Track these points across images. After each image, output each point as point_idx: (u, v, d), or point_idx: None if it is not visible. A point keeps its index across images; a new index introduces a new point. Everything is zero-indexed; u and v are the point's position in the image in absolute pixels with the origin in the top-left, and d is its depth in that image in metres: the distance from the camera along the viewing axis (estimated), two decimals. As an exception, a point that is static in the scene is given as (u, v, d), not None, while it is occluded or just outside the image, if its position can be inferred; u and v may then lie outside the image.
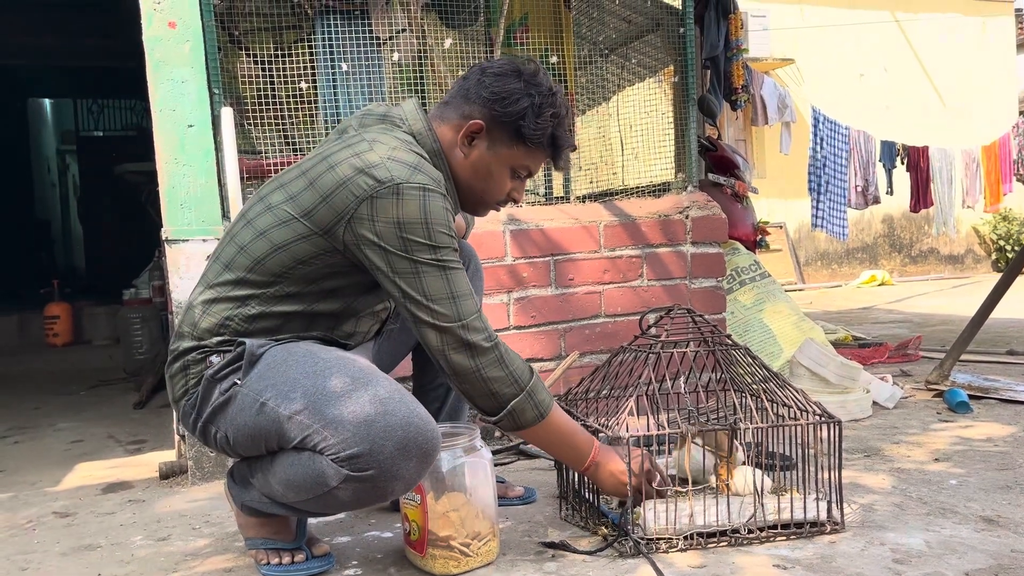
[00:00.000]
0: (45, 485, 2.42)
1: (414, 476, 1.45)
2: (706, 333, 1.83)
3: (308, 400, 1.44)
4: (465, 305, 1.51)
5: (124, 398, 3.79)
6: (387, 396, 1.43)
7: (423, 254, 1.48)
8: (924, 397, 2.99)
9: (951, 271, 11.57)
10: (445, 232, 1.50)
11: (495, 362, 1.52)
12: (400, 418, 1.41)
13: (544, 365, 2.68)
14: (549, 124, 1.60)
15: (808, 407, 1.74)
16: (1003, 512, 1.76)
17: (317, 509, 1.54)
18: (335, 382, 1.45)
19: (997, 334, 4.45)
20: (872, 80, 10.89)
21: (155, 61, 2.28)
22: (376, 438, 1.39)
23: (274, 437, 1.48)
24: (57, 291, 6.05)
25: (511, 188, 1.68)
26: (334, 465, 1.41)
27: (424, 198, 1.48)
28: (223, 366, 1.53)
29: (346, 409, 1.41)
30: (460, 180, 1.66)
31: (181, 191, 2.31)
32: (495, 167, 1.64)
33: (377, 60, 2.59)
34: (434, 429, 1.45)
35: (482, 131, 1.61)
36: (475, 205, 1.72)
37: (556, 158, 1.68)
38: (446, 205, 1.51)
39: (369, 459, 1.39)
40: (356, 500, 1.47)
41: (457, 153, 1.63)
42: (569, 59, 3.06)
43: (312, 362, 1.49)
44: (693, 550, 1.61)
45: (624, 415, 1.69)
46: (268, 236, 1.54)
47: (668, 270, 2.89)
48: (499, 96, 1.58)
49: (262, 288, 1.56)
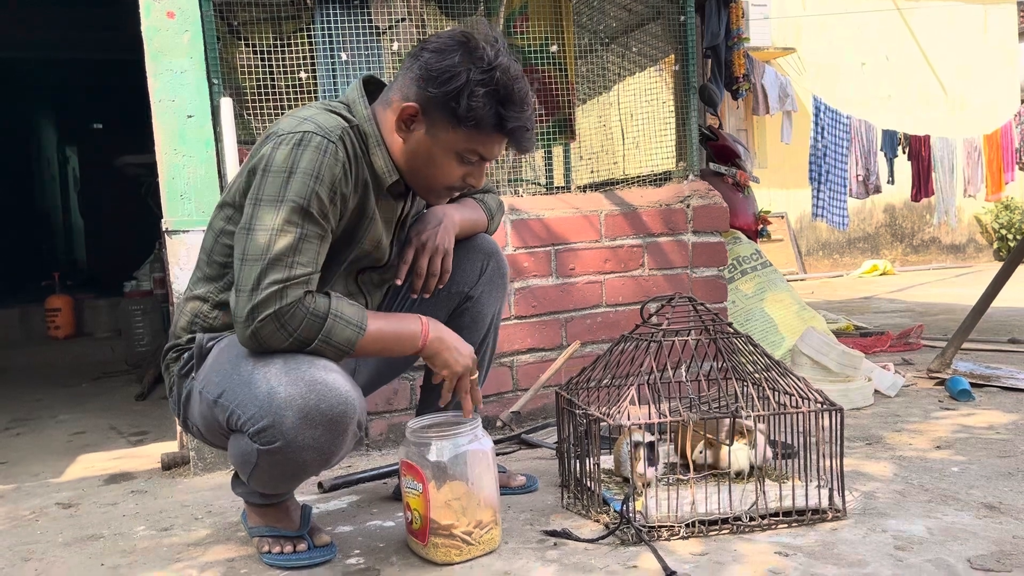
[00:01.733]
0: (48, 476, 2.42)
1: (326, 445, 1.42)
2: (707, 321, 1.83)
3: (227, 383, 1.47)
4: (272, 268, 1.39)
5: (126, 390, 3.80)
6: (292, 367, 1.41)
7: (268, 198, 1.41)
8: (926, 385, 2.99)
9: (953, 260, 11.56)
10: (308, 180, 1.41)
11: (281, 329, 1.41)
12: (301, 387, 1.39)
13: (546, 355, 2.68)
14: (487, 104, 1.45)
15: (810, 395, 1.74)
16: (1005, 499, 1.76)
17: (266, 487, 1.56)
18: (251, 362, 1.45)
19: (999, 323, 4.45)
20: (874, 69, 10.85)
21: (154, 51, 2.27)
22: (278, 409, 1.39)
23: (216, 423, 1.52)
24: (58, 284, 6.05)
25: (463, 174, 1.56)
26: (250, 441, 1.44)
27: (298, 147, 1.42)
28: (186, 362, 1.60)
29: (254, 386, 1.42)
30: (401, 166, 1.56)
31: (181, 182, 2.31)
32: (436, 153, 1.52)
33: (377, 50, 2.58)
34: (343, 395, 1.40)
35: (417, 114, 1.49)
36: (425, 192, 1.61)
37: (514, 141, 1.52)
38: (328, 153, 1.43)
39: (274, 431, 1.40)
40: (281, 473, 1.48)
41: (395, 137, 1.53)
42: (569, 48, 3.05)
43: (240, 348, 1.49)
44: (695, 537, 1.61)
45: (625, 403, 1.68)
46: (212, 227, 1.60)
47: (669, 259, 2.88)
48: (432, 75, 1.45)
49: (215, 280, 1.60)
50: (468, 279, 1.84)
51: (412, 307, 1.85)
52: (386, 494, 2.01)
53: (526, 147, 1.56)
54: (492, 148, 1.54)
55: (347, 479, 2.09)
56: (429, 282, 1.72)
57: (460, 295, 1.84)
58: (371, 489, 2.07)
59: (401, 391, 2.48)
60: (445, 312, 1.85)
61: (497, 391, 2.62)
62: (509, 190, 2.89)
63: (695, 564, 1.49)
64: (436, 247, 1.70)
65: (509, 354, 2.63)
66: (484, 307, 1.86)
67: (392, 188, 1.60)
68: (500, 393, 2.63)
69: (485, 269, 1.85)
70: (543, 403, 2.68)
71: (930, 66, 11.20)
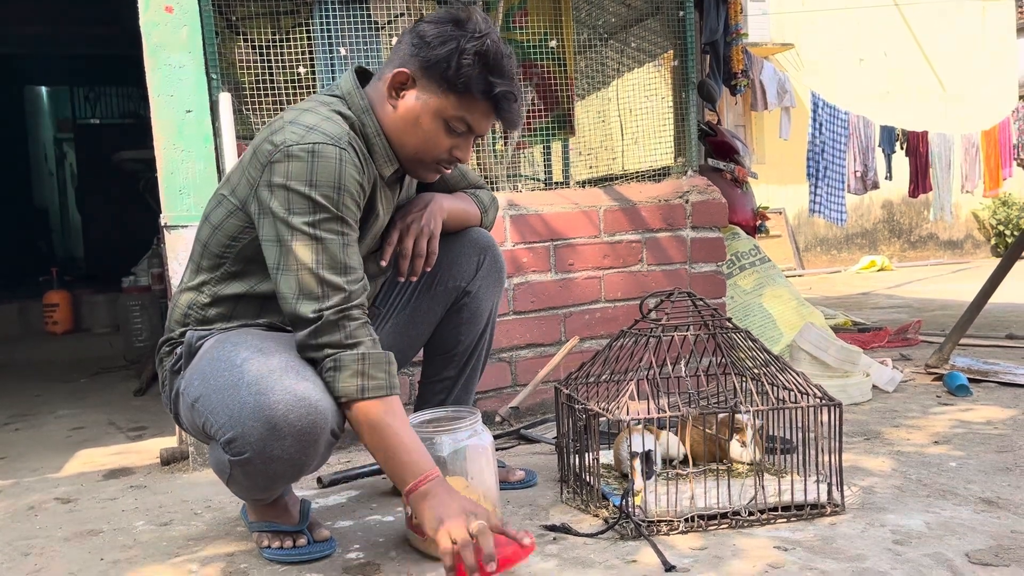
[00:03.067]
0: (47, 472, 2.42)
1: (296, 455, 1.40)
2: (706, 317, 1.83)
3: (203, 387, 1.46)
4: (330, 279, 1.43)
5: (124, 385, 3.79)
6: (264, 376, 1.39)
7: (300, 218, 1.42)
8: (924, 381, 2.99)
9: (950, 256, 11.58)
10: (331, 192, 1.43)
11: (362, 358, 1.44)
12: (270, 398, 1.37)
13: (544, 350, 2.69)
14: (475, 64, 1.47)
15: (808, 390, 1.74)
16: (1003, 494, 1.76)
17: (243, 495, 1.58)
18: (228, 368, 1.43)
19: (996, 319, 4.46)
20: (872, 65, 10.85)
21: (152, 46, 2.26)
22: (246, 420, 1.38)
23: (196, 427, 1.53)
24: (56, 279, 6.05)
25: (451, 145, 1.56)
26: (221, 450, 1.44)
27: (312, 159, 1.42)
28: (177, 358, 1.59)
29: (226, 394, 1.41)
30: (391, 136, 1.56)
31: (180, 177, 2.30)
32: (424, 118, 1.52)
33: (376, 45, 2.57)
34: (312, 405, 1.38)
35: (409, 79, 1.51)
36: (414, 165, 1.60)
37: (497, 109, 1.53)
38: (345, 162, 1.45)
39: (242, 442, 1.39)
40: (254, 483, 1.48)
41: (387, 107, 1.54)
42: (568, 43, 3.05)
43: (221, 350, 1.48)
44: (694, 532, 1.62)
45: (624, 399, 1.69)
46: (210, 220, 1.60)
47: (668, 255, 2.89)
48: (426, 41, 1.49)
49: (211, 272, 1.60)
50: (465, 274, 1.84)
51: (404, 294, 1.84)
52: (385, 489, 2.01)
53: (513, 119, 1.56)
54: (480, 119, 1.54)
55: (346, 474, 2.09)
56: (415, 263, 1.71)
57: (458, 290, 1.85)
58: (370, 484, 2.07)
59: (400, 386, 2.48)
60: (443, 307, 1.86)
61: (496, 386, 2.62)
62: (508, 186, 2.89)
63: (694, 559, 1.50)
64: (421, 228, 1.70)
65: (508, 349, 2.63)
66: (482, 302, 1.87)
67: (390, 176, 1.62)
68: (499, 388, 2.63)
69: (482, 263, 1.85)
70: (542, 398, 2.68)
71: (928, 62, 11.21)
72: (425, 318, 1.86)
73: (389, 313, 1.84)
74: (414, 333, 1.87)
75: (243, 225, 1.54)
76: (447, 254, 1.83)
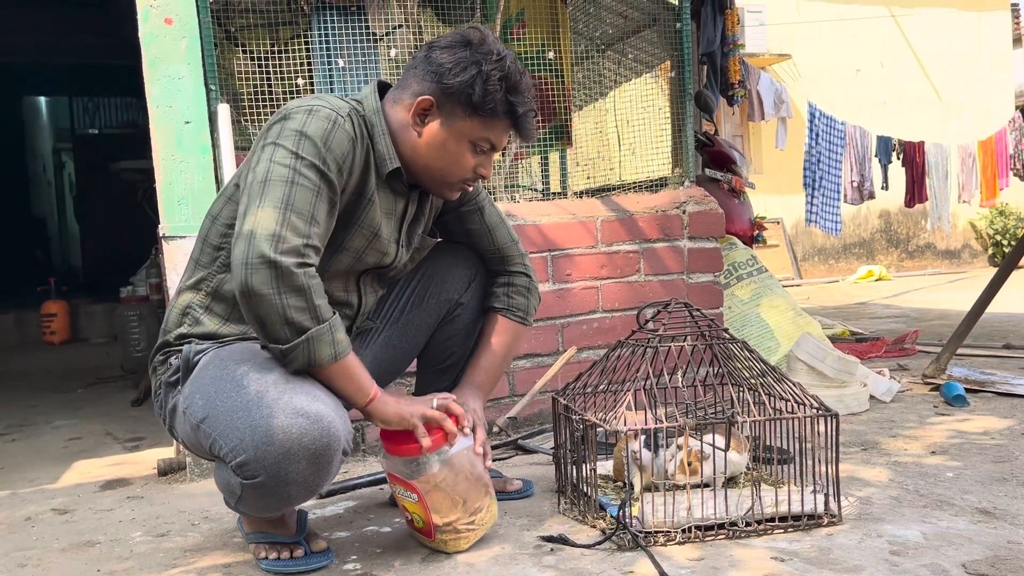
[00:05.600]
0: (43, 482, 2.42)
1: (310, 478, 1.40)
2: (703, 327, 1.83)
3: (210, 408, 1.45)
4: (293, 221, 1.41)
5: (122, 395, 3.79)
6: (275, 398, 1.38)
7: (281, 157, 1.44)
8: (921, 391, 3.00)
9: (948, 266, 11.58)
10: (318, 148, 1.45)
11: (298, 289, 1.39)
12: (283, 421, 1.36)
13: (542, 360, 2.69)
14: (500, 89, 1.53)
15: (805, 400, 1.75)
16: (1000, 504, 1.77)
17: (254, 514, 1.58)
18: (234, 387, 1.43)
19: (994, 329, 4.46)
20: (868, 75, 10.88)
21: (151, 57, 2.27)
22: (260, 444, 1.37)
23: (199, 447, 1.52)
24: (54, 289, 6.04)
25: (475, 164, 1.61)
26: (232, 473, 1.43)
27: (308, 116, 1.47)
28: (173, 371, 1.58)
29: (236, 415, 1.40)
30: (417, 161, 1.60)
31: (178, 187, 2.31)
32: (451, 143, 1.57)
33: (374, 56, 2.58)
34: (326, 427, 1.38)
35: (432, 107, 1.55)
36: (439, 186, 1.64)
37: (517, 126, 1.59)
38: (338, 126, 1.48)
39: (256, 466, 1.38)
40: (266, 505, 1.47)
41: (411, 133, 1.58)
42: (566, 55, 3.06)
43: (223, 367, 1.48)
44: (691, 543, 1.61)
45: (622, 409, 1.69)
46: (211, 212, 1.63)
47: (665, 265, 2.89)
48: (447, 68, 1.53)
49: (209, 267, 1.61)
50: (458, 286, 1.85)
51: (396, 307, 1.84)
52: (383, 499, 2.01)
53: (531, 133, 1.62)
54: (501, 136, 1.60)
55: (344, 485, 2.09)
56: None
57: (450, 302, 1.85)
58: (368, 495, 2.07)
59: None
60: (436, 319, 1.86)
61: (493, 397, 2.62)
62: (506, 196, 2.89)
63: (691, 569, 1.50)
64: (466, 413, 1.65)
65: (506, 360, 2.63)
66: (475, 314, 1.87)
67: (392, 180, 1.62)
68: (497, 399, 2.63)
69: (476, 276, 1.86)
70: (539, 408, 2.68)
71: (925, 72, 11.24)
72: (418, 330, 1.86)
73: (382, 326, 1.84)
74: (407, 345, 1.87)
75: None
76: (440, 266, 1.84)
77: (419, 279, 1.84)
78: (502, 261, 1.87)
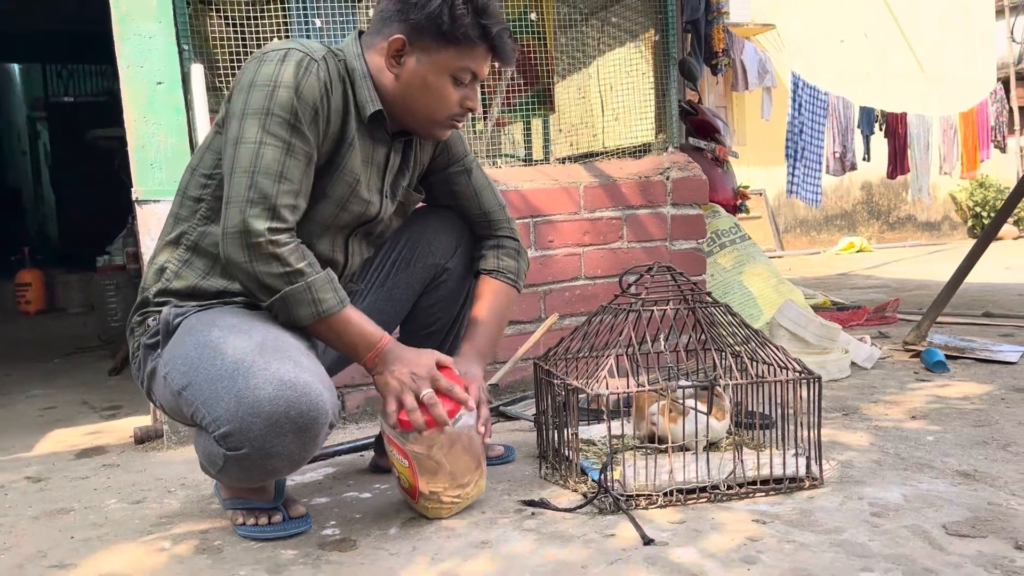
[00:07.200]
0: (18, 451, 2.38)
1: (295, 451, 1.38)
2: (686, 291, 1.81)
3: (193, 375, 1.41)
4: (261, 184, 1.41)
5: (99, 365, 3.74)
6: (262, 367, 1.35)
7: (254, 111, 1.43)
8: (902, 358, 3.01)
9: (928, 238, 11.66)
10: (290, 99, 1.43)
11: (269, 256, 1.41)
12: (269, 392, 1.33)
13: (524, 327, 2.67)
14: (468, 12, 1.49)
15: (788, 364, 1.74)
16: (979, 467, 1.77)
17: (235, 485, 1.56)
18: (217, 354, 1.40)
19: (972, 298, 4.49)
20: (852, 46, 10.86)
21: (121, 14, 2.21)
22: (244, 415, 1.34)
23: (180, 414, 1.50)
24: (28, 258, 5.95)
25: (460, 97, 1.56)
26: (215, 443, 1.40)
27: (282, 64, 1.44)
28: (152, 333, 1.54)
29: (219, 384, 1.37)
30: (400, 103, 1.56)
31: (151, 150, 2.25)
32: (431, 78, 1.53)
33: (352, 16, 2.52)
34: (313, 400, 1.35)
35: (405, 45, 1.52)
36: (428, 125, 1.60)
37: (495, 47, 1.54)
38: (311, 72, 1.45)
39: (240, 437, 1.35)
40: (248, 477, 1.45)
41: (388, 75, 1.54)
42: (549, 19, 3.01)
43: (205, 332, 1.44)
44: (672, 506, 1.61)
45: (603, 373, 1.67)
46: (189, 165, 1.60)
47: (648, 232, 2.87)
48: (411, 2, 1.49)
49: (189, 219, 1.57)
50: (444, 251, 1.81)
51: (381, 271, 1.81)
52: (363, 466, 1.99)
53: (510, 56, 1.57)
54: (482, 63, 1.56)
55: (324, 452, 2.07)
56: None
57: (436, 267, 1.82)
58: (348, 461, 2.05)
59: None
60: (421, 284, 1.83)
61: (475, 364, 2.60)
62: (488, 162, 2.86)
63: (673, 532, 1.49)
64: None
65: (487, 327, 2.61)
66: (460, 280, 1.84)
67: (374, 127, 1.58)
68: (478, 366, 2.61)
69: (462, 242, 1.83)
70: (521, 375, 2.66)
71: (908, 43, 11.24)
72: (403, 294, 1.83)
73: (367, 290, 1.81)
74: (391, 310, 1.84)
75: (219, 158, 1.52)
76: (427, 231, 1.81)
77: (405, 242, 1.81)
78: (489, 225, 1.83)
